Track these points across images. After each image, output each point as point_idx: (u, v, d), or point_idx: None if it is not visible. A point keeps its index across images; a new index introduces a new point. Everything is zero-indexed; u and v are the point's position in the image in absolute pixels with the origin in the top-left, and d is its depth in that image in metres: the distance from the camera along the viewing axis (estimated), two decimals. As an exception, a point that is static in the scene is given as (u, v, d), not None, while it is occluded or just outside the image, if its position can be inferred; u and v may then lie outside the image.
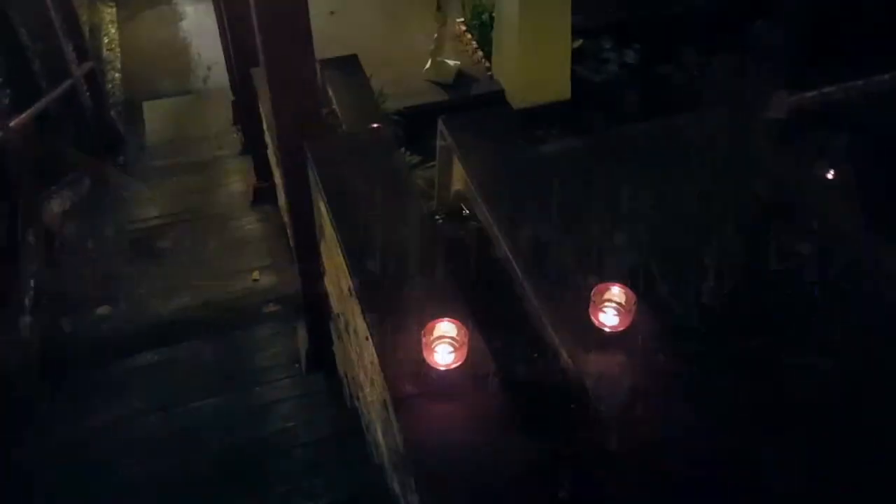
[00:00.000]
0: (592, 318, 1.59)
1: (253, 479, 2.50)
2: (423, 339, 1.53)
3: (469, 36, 6.16)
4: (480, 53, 6.10)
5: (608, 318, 1.58)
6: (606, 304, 1.59)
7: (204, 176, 5.03)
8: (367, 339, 1.77)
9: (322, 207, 2.05)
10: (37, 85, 4.49)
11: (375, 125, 3.01)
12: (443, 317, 1.56)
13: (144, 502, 2.47)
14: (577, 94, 5.66)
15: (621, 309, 1.58)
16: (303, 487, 2.38)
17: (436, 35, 5.78)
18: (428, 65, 5.80)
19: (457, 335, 1.53)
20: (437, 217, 2.18)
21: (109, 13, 6.60)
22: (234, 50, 4.12)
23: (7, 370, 3.04)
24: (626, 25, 6.38)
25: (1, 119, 3.60)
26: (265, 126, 3.64)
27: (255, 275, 3.69)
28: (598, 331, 1.59)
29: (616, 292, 1.58)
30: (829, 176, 5.02)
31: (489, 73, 5.98)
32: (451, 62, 5.82)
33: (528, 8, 5.24)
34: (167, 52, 6.26)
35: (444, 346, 1.53)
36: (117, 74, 6.05)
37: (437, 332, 1.55)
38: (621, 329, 1.57)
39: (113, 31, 6.33)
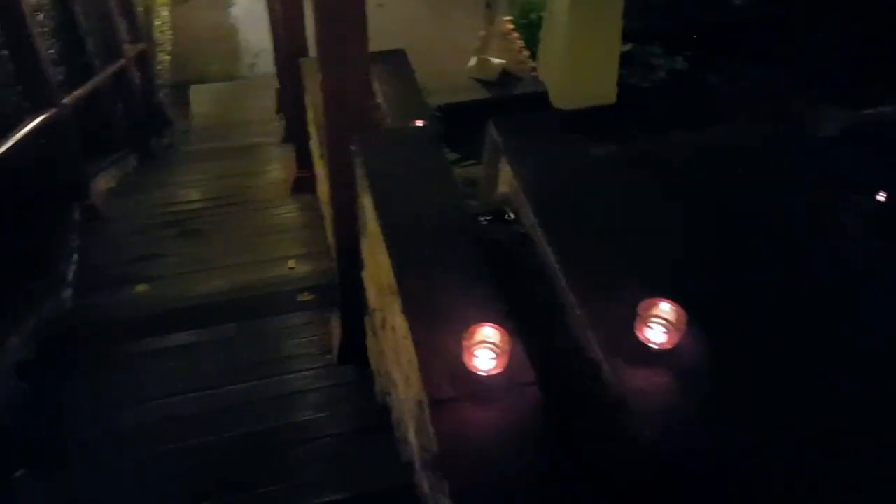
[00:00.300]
0: (638, 333, 1.55)
1: (278, 466, 2.50)
2: (465, 343, 1.51)
3: (516, 35, 6.12)
4: (526, 53, 6.06)
5: (655, 335, 1.54)
6: (654, 319, 1.55)
7: (246, 162, 5.10)
8: (405, 337, 1.76)
9: (367, 203, 2.04)
10: (89, 63, 4.59)
11: (420, 122, 3.00)
12: (485, 321, 1.54)
13: (169, 479, 2.48)
14: (623, 99, 5.58)
15: (670, 326, 1.53)
16: (328, 479, 2.37)
17: (482, 32, 5.76)
18: (472, 62, 5.79)
19: (499, 341, 1.51)
20: (480, 218, 2.16)
21: (163, -4, 6.73)
22: (284, 39, 4.14)
23: (48, 341, 3.11)
24: (677, 33, 6.28)
25: (54, 95, 3.68)
26: (310, 117, 3.66)
27: (291, 263, 3.71)
28: (644, 347, 1.55)
29: (665, 308, 1.53)
30: (881, 198, 4.85)
31: (534, 73, 5.93)
32: (495, 60, 5.79)
33: (579, 9, 5.17)
34: (216, 37, 6.36)
35: (486, 352, 1.51)
36: (167, 57, 6.16)
37: (478, 337, 1.52)
38: (668, 347, 1.53)
39: (165, 13, 6.45)
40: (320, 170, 3.63)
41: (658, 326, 1.55)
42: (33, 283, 3.35)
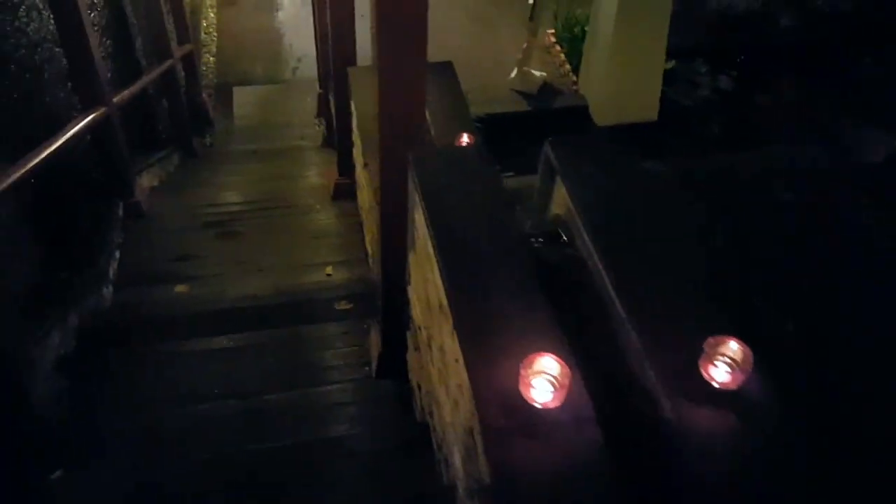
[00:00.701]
0: (703, 370, 1.50)
1: (311, 480, 2.47)
2: (522, 372, 1.47)
3: (558, 48, 6.09)
4: (568, 67, 6.02)
5: (719, 374, 1.49)
6: (720, 357, 1.49)
7: (286, 165, 5.12)
8: (456, 360, 1.72)
9: (419, 219, 2.02)
10: (137, 62, 4.64)
11: (466, 136, 2.97)
12: (544, 350, 1.49)
13: (196, 484, 2.46)
14: (665, 116, 5.50)
15: (735, 366, 1.48)
16: (364, 496, 2.34)
17: (525, 44, 5.73)
18: (514, 73, 5.76)
19: (558, 374, 1.46)
20: (532, 240, 2.12)
21: (211, -3, 6.81)
22: (330, 47, 4.15)
23: (86, 337, 3.14)
24: (722, 51, 6.18)
25: (104, 94, 3.72)
26: (355, 126, 3.65)
27: (329, 270, 3.71)
28: (707, 385, 1.50)
29: (733, 347, 1.48)
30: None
31: (575, 87, 5.88)
32: (537, 73, 5.75)
33: (624, 25, 5.12)
34: (261, 40, 6.41)
35: (544, 384, 1.47)
36: (211, 58, 6.22)
37: (536, 367, 1.48)
38: (732, 387, 1.47)
39: (212, 15, 6.52)
40: (362, 178, 3.62)
41: (723, 365, 1.50)
42: (76, 278, 3.39)
